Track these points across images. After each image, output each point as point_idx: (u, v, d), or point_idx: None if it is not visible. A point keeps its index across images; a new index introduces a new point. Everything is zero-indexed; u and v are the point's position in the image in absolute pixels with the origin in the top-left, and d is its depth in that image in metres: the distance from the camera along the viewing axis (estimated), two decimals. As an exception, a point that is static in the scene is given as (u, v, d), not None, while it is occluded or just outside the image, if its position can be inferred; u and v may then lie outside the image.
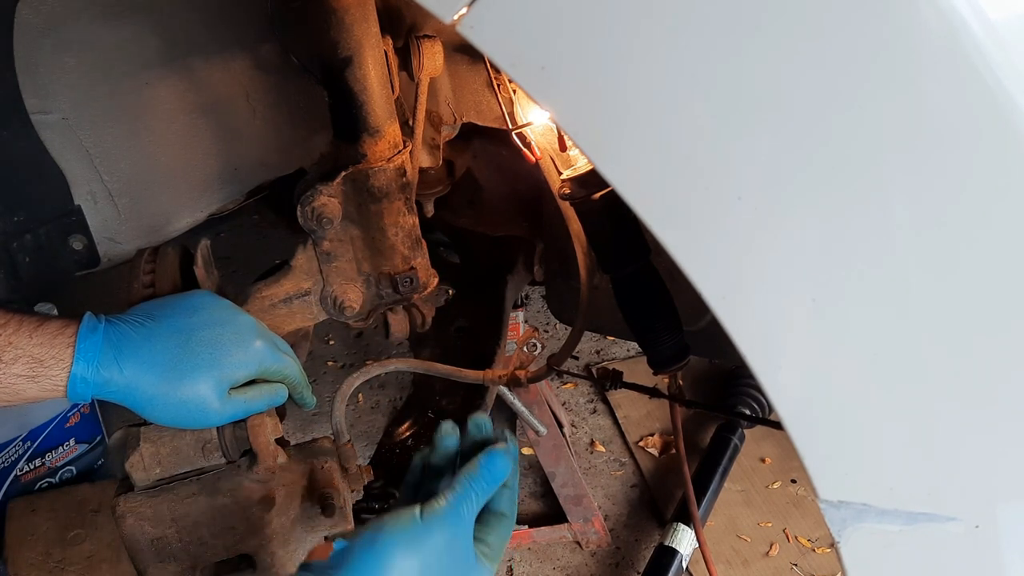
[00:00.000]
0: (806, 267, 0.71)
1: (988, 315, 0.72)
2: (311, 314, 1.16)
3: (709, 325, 0.79)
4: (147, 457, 0.97)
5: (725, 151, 0.68)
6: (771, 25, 0.64)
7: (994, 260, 0.70)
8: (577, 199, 1.12)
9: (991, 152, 0.67)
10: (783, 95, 0.66)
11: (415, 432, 1.68)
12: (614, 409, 2.35)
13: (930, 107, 0.66)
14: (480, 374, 1.37)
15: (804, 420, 0.75)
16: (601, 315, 1.28)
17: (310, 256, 1.13)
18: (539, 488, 2.16)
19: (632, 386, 1.42)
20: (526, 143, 1.19)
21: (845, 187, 0.68)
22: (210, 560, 1.02)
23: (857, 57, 0.65)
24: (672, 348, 1.17)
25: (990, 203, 0.68)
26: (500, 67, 0.69)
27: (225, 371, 0.93)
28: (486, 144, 1.55)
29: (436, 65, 1.12)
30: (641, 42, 0.66)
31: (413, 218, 1.13)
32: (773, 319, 0.73)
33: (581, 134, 0.70)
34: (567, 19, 0.66)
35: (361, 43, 1.01)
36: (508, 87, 1.21)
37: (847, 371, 0.74)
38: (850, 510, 0.77)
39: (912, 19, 0.63)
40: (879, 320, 0.72)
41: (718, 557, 1.96)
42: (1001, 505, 0.77)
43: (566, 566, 2.03)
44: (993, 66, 0.64)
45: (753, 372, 0.74)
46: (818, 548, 2.02)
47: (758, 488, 2.15)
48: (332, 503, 1.02)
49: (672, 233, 0.71)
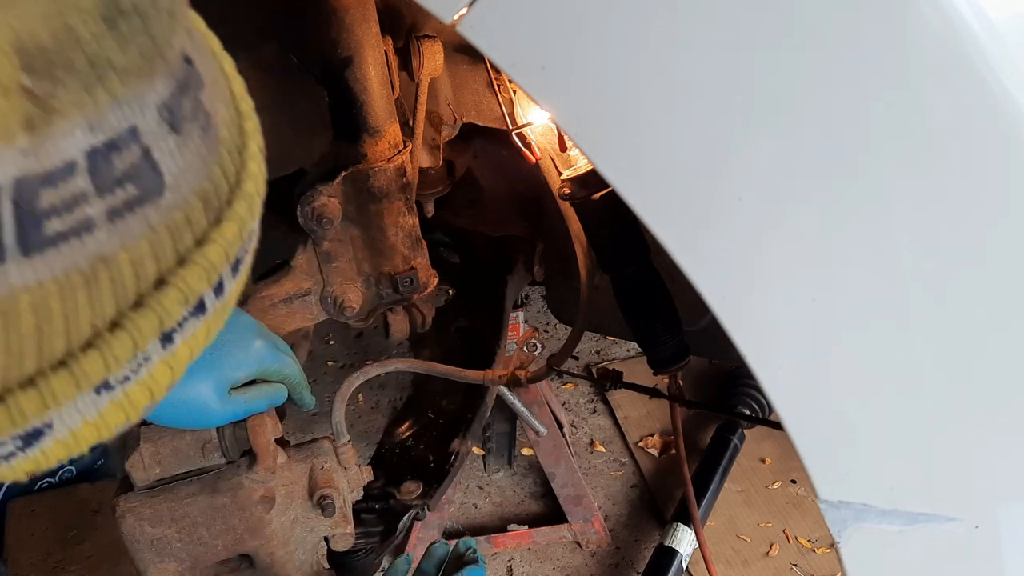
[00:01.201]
0: (806, 267, 0.71)
1: (988, 315, 0.72)
2: (311, 314, 1.16)
3: (709, 325, 0.79)
4: (147, 457, 0.97)
5: (725, 151, 0.68)
6: (771, 25, 0.64)
7: (994, 260, 0.70)
8: (577, 199, 1.12)
9: (991, 152, 0.67)
10: (783, 95, 0.66)
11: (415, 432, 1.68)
12: (614, 409, 2.35)
13: (930, 107, 0.66)
14: (480, 374, 1.37)
15: (804, 420, 0.75)
16: (601, 315, 1.28)
17: (310, 256, 1.13)
18: (539, 488, 2.16)
19: (632, 386, 1.42)
20: (526, 143, 1.19)
21: (845, 187, 0.68)
22: (210, 560, 1.02)
23: (857, 57, 0.65)
24: (672, 348, 1.18)
25: (990, 203, 0.68)
26: (500, 67, 0.69)
27: (225, 371, 0.93)
28: (486, 144, 1.55)
29: (436, 65, 1.12)
30: (641, 42, 0.66)
31: (413, 218, 1.13)
32: (773, 319, 0.73)
33: (581, 134, 0.70)
34: (567, 19, 0.66)
35: (361, 43, 1.01)
36: (508, 87, 1.21)
37: (847, 371, 0.74)
38: (850, 510, 0.77)
39: (912, 19, 0.63)
40: (879, 320, 0.72)
41: (718, 557, 1.96)
42: (1001, 505, 0.77)
43: (566, 566, 2.03)
44: (993, 66, 0.64)
45: (753, 372, 0.74)
46: (818, 548, 2.01)
47: (758, 488, 2.15)
48: (332, 503, 1.02)
49: (672, 233, 0.71)
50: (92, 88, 0.33)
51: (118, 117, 0.35)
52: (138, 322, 0.38)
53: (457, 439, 1.58)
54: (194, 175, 0.39)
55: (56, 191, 0.33)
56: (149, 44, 0.35)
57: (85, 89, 0.33)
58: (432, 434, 1.65)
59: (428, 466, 1.56)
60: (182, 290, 0.39)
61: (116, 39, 0.34)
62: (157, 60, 0.36)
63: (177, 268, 0.39)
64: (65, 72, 0.32)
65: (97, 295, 0.36)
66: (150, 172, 0.36)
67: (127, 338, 0.37)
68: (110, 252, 0.35)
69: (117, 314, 0.37)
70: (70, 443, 0.38)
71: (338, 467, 1.06)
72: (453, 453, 1.56)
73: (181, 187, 0.38)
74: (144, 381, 0.39)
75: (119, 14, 0.34)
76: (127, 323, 0.37)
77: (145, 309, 0.38)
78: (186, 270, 0.39)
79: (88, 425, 0.38)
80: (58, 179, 0.33)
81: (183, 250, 0.39)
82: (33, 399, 0.36)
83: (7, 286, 0.33)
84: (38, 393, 0.36)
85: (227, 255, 0.41)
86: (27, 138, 0.32)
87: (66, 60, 0.33)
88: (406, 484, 1.50)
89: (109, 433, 0.40)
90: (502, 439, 2.16)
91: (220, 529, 1.00)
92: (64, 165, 0.33)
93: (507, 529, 2.06)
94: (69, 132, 0.33)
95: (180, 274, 0.39)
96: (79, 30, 0.33)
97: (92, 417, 0.38)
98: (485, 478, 2.19)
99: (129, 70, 0.34)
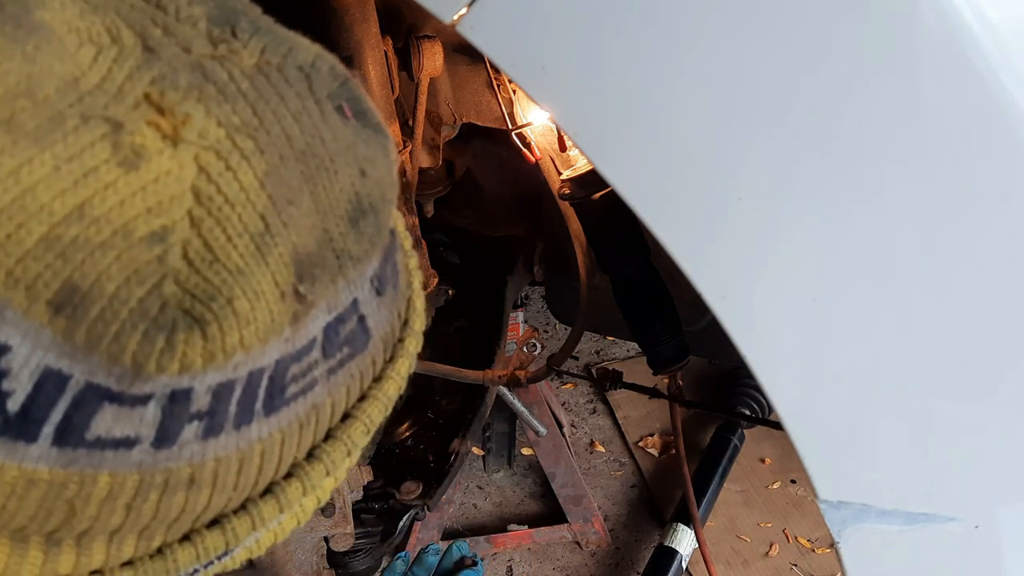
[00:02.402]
0: (806, 267, 0.71)
1: (988, 315, 0.72)
2: (311, 314, 1.16)
3: (709, 325, 0.79)
4: (147, 457, 0.97)
5: (725, 151, 0.68)
6: (771, 25, 0.64)
7: (994, 260, 0.70)
8: (577, 199, 1.12)
9: (991, 152, 0.67)
10: (783, 95, 0.66)
11: (415, 432, 1.68)
12: (614, 409, 2.35)
13: (930, 107, 0.66)
14: (480, 374, 1.37)
15: (804, 420, 0.75)
16: (601, 315, 1.28)
17: (310, 256, 1.13)
18: (539, 488, 2.16)
19: (632, 386, 1.42)
20: (526, 143, 1.19)
21: (845, 187, 0.68)
22: (210, 560, 1.02)
23: (857, 57, 0.65)
24: (672, 348, 1.18)
25: (990, 203, 0.68)
26: (500, 67, 0.69)
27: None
28: (486, 144, 1.55)
29: (436, 65, 1.12)
30: (641, 42, 0.66)
31: (413, 218, 1.13)
32: (773, 319, 0.73)
33: (581, 134, 0.70)
34: (567, 19, 0.66)
35: (361, 43, 1.01)
36: (508, 87, 1.21)
37: (847, 371, 0.74)
38: (850, 510, 0.77)
39: (912, 19, 0.63)
40: (879, 320, 0.72)
41: (718, 557, 1.96)
42: (1001, 505, 0.77)
43: (566, 566, 2.03)
44: (993, 66, 0.64)
45: (753, 372, 0.74)
46: (818, 548, 2.01)
47: (758, 488, 2.15)
48: (332, 503, 1.02)
49: (672, 233, 0.71)
50: (336, 279, 0.38)
51: (346, 295, 0.40)
52: (332, 454, 0.44)
53: (457, 439, 1.59)
54: (386, 325, 0.44)
55: (299, 364, 0.39)
56: (376, 233, 0.40)
57: (331, 279, 0.38)
58: (432, 434, 1.65)
59: (428, 466, 1.56)
60: (365, 423, 0.45)
61: (356, 235, 0.38)
62: (379, 243, 0.40)
63: (360, 403, 0.45)
64: (321, 270, 0.37)
65: (306, 436, 0.42)
66: (363, 335, 0.42)
67: (321, 468, 0.43)
68: (322, 400, 0.41)
69: (313, 446, 0.43)
70: (254, 549, 0.44)
71: (338, 467, 1.06)
72: (453, 453, 1.56)
73: (376, 339, 0.43)
74: (317, 493, 0.45)
75: (361, 215, 0.38)
76: (323, 455, 0.43)
77: (336, 442, 0.44)
78: (368, 404, 0.45)
79: (269, 534, 0.44)
80: (303, 355, 0.39)
81: (365, 387, 0.45)
82: (245, 523, 0.42)
83: (247, 440, 0.39)
84: (249, 518, 0.42)
85: (399, 388, 0.47)
86: (291, 330, 0.37)
87: (322, 260, 0.37)
88: (406, 484, 1.51)
89: (284, 536, 0.46)
90: (502, 439, 2.16)
91: (220, 529, 1.00)
92: (308, 343, 0.39)
93: (507, 529, 2.06)
94: (316, 317, 0.38)
95: (364, 408, 0.45)
96: (332, 232, 0.37)
97: (274, 527, 0.44)
98: (485, 478, 2.19)
99: (360, 257, 0.39)
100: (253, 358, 0.36)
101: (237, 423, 0.38)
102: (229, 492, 0.40)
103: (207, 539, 0.41)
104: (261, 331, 0.35)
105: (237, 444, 0.38)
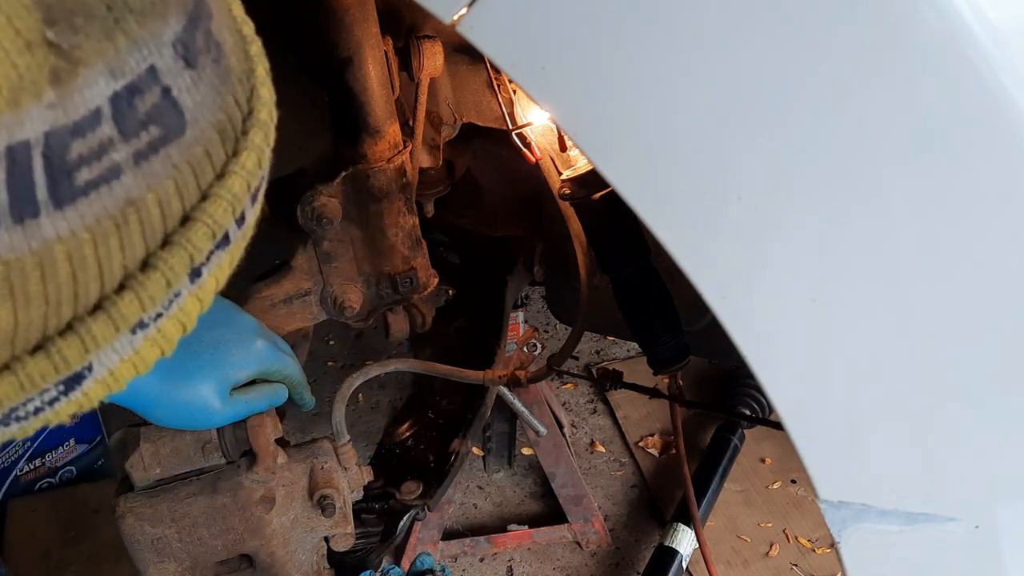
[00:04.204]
0: (806, 267, 0.71)
1: (988, 315, 0.72)
2: (311, 314, 1.16)
3: (709, 325, 0.79)
4: (147, 457, 0.97)
5: (725, 151, 0.68)
6: (771, 25, 0.64)
7: (994, 261, 0.70)
8: (577, 199, 1.12)
9: (991, 152, 0.67)
10: (783, 95, 0.66)
11: (415, 432, 1.68)
12: (614, 409, 2.35)
13: (930, 107, 0.66)
14: (480, 374, 1.37)
15: (804, 420, 0.75)
16: (601, 315, 1.28)
17: (310, 256, 1.13)
18: (539, 488, 2.16)
19: (632, 386, 1.42)
20: (526, 143, 1.19)
21: (845, 187, 0.68)
22: (210, 560, 1.02)
23: (857, 57, 0.65)
24: (672, 348, 1.18)
25: (990, 203, 0.68)
26: (500, 67, 0.69)
27: (227, 372, 0.93)
28: (486, 144, 1.55)
29: (436, 65, 1.12)
30: (641, 42, 0.66)
31: (413, 218, 1.13)
32: (773, 319, 0.73)
33: (581, 134, 0.70)
34: (567, 19, 0.66)
35: (361, 43, 1.01)
36: (508, 87, 1.21)
37: (847, 371, 0.74)
38: (850, 510, 0.77)
39: (912, 19, 0.63)
40: (879, 320, 0.72)
41: (718, 557, 1.95)
42: (1001, 505, 0.77)
43: (566, 566, 2.03)
44: (993, 66, 0.64)
45: (753, 372, 0.74)
46: (818, 548, 2.01)
47: (758, 488, 2.15)
48: (332, 503, 1.02)
49: (672, 233, 0.71)
50: (111, 33, 0.33)
51: (137, 59, 0.34)
52: (169, 261, 0.38)
53: (457, 439, 1.58)
54: (210, 108, 0.38)
55: (84, 141, 0.33)
56: None
57: (105, 35, 0.33)
58: (432, 434, 1.65)
59: (428, 466, 1.56)
60: (209, 225, 0.39)
61: None
62: None
63: (201, 203, 0.39)
64: (85, 20, 0.32)
65: (128, 238, 0.36)
66: (171, 111, 0.36)
67: (160, 277, 0.38)
68: (138, 195, 0.36)
69: (148, 254, 0.38)
70: (109, 382, 0.39)
71: (338, 467, 1.06)
72: (453, 453, 1.56)
73: (200, 122, 0.38)
74: (176, 315, 0.40)
75: None
76: (159, 263, 0.38)
77: (175, 247, 0.38)
78: (210, 204, 0.39)
79: (125, 363, 0.39)
80: (86, 129, 0.33)
81: (205, 185, 0.39)
82: (74, 345, 0.36)
83: (42, 239, 0.33)
84: (78, 339, 0.36)
85: (248, 185, 0.41)
86: (54, 92, 0.32)
87: (85, 6, 0.32)
88: (406, 484, 1.51)
89: (145, 368, 0.41)
90: (502, 439, 2.16)
91: (220, 529, 1.00)
92: (90, 114, 0.33)
93: (507, 529, 2.06)
94: (93, 80, 0.33)
95: (205, 209, 0.39)
96: None
97: (129, 355, 0.39)
98: (485, 478, 2.19)
99: (144, 10, 0.34)
100: (6, 125, 0.30)
101: (17, 215, 0.32)
102: (40, 307, 0.34)
103: (29, 366, 0.35)
104: (5, 89, 0.30)
105: (28, 244, 0.33)
